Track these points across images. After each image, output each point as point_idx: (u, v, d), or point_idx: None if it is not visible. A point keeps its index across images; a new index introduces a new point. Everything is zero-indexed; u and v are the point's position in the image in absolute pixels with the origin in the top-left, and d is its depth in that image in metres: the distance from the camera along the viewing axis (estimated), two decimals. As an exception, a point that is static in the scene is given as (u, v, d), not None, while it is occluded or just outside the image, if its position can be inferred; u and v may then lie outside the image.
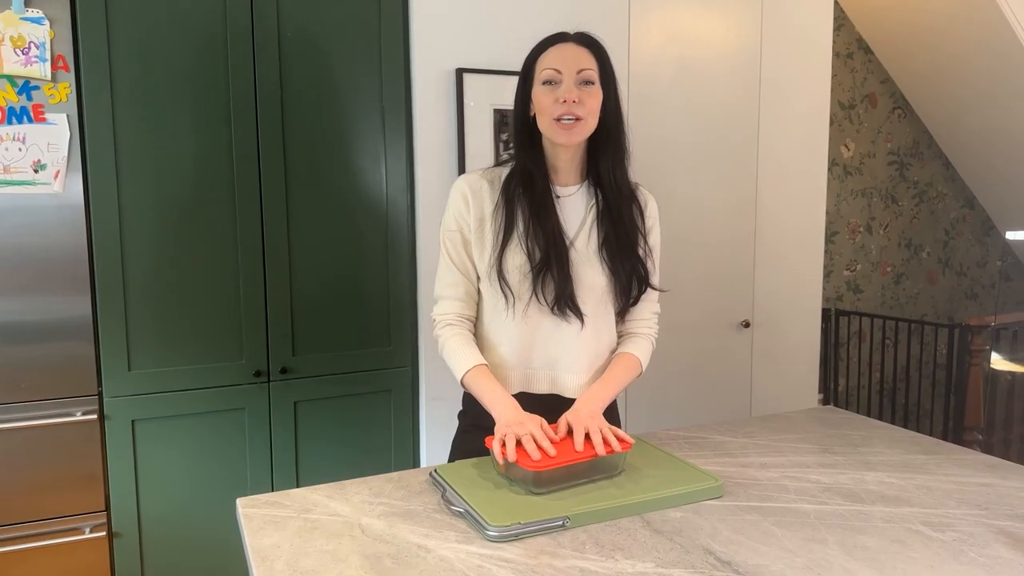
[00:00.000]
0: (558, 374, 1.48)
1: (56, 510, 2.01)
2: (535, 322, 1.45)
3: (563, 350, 1.46)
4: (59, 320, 1.97)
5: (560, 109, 1.36)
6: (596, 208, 1.47)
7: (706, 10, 2.63)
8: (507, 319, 1.45)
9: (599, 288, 1.46)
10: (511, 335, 1.46)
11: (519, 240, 1.41)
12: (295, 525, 1.18)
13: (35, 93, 1.89)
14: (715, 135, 2.70)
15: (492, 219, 1.44)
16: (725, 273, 2.77)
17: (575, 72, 1.37)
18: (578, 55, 1.39)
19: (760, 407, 2.88)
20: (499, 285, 1.42)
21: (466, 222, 1.46)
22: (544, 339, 1.46)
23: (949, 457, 1.50)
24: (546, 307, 1.42)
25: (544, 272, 1.40)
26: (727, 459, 1.48)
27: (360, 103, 2.23)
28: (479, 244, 1.45)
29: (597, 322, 1.48)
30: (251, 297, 2.14)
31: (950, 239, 4.63)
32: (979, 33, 3.70)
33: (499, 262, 1.41)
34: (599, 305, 1.47)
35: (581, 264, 1.44)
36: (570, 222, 1.46)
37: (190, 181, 2.07)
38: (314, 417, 2.25)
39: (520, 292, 1.42)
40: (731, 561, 1.06)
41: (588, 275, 1.44)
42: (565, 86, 1.37)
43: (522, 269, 1.41)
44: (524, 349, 1.46)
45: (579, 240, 1.45)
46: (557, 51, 1.40)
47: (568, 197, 1.47)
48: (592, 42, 1.42)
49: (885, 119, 4.31)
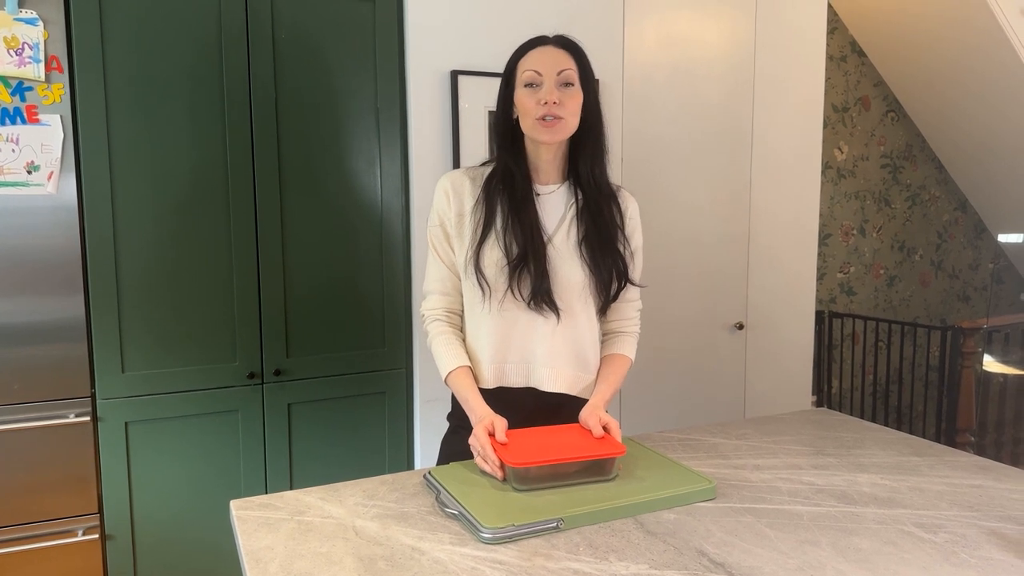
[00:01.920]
0: (534, 368, 1.49)
1: (49, 512, 2.00)
2: (511, 316, 1.47)
3: (539, 345, 1.48)
4: (52, 322, 1.97)
5: (542, 110, 1.40)
6: (576, 205, 1.50)
7: (700, 13, 2.64)
8: (483, 312, 1.47)
9: (578, 284, 1.47)
10: (488, 328, 1.48)
11: (497, 235, 1.44)
12: (289, 527, 1.18)
13: (28, 94, 1.89)
14: (709, 137, 2.71)
15: (472, 214, 1.47)
16: (719, 275, 2.78)
17: (555, 74, 1.41)
18: (558, 57, 1.42)
19: (754, 409, 2.89)
20: (476, 278, 1.45)
21: (448, 217, 1.50)
22: (521, 333, 1.48)
23: (941, 459, 1.51)
24: (522, 302, 1.45)
25: (521, 268, 1.43)
26: (721, 461, 1.49)
27: (355, 105, 2.23)
28: (459, 238, 1.49)
29: (576, 318, 1.49)
30: (245, 299, 2.14)
31: (942, 242, 4.65)
32: (971, 37, 3.72)
33: (477, 256, 1.45)
34: (577, 301, 1.49)
35: (559, 260, 1.46)
36: (549, 219, 1.49)
37: (184, 182, 2.06)
38: (308, 419, 2.25)
39: (496, 285, 1.45)
40: (724, 563, 1.06)
41: (566, 271, 1.47)
42: (546, 88, 1.40)
43: (499, 264, 1.44)
44: (501, 342, 1.48)
45: (558, 236, 1.48)
46: (537, 54, 1.43)
47: (548, 195, 1.50)
48: (571, 44, 1.45)
49: (878, 122, 4.33)
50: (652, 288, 2.63)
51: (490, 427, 1.36)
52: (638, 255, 1.57)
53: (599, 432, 1.37)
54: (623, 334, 1.59)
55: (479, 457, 1.35)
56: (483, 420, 1.37)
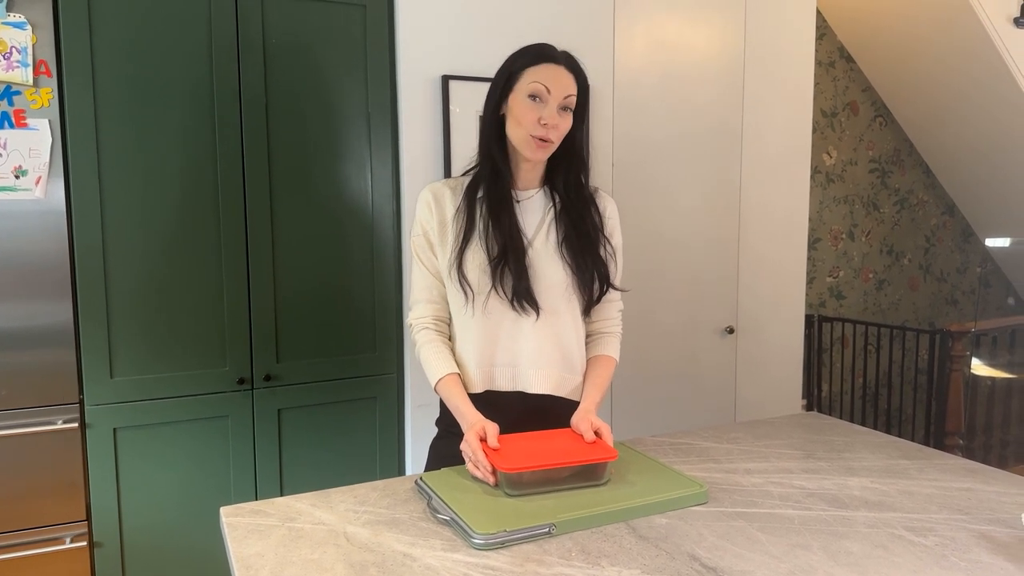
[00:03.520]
0: (521, 370, 1.50)
1: (36, 520, 1.98)
2: (496, 318, 1.48)
3: (525, 345, 1.49)
4: (40, 327, 1.95)
5: (540, 130, 1.41)
6: (554, 209, 1.52)
7: (690, 18, 2.65)
8: (468, 315, 1.48)
9: (560, 284, 1.49)
10: (474, 332, 1.49)
11: (479, 239, 1.46)
12: (279, 534, 1.18)
13: (16, 98, 1.88)
14: (699, 142, 2.72)
15: (453, 222, 1.49)
16: (709, 279, 2.79)
17: (562, 97, 1.42)
18: (567, 82, 1.43)
19: (744, 413, 2.89)
20: (459, 282, 1.46)
21: (431, 226, 1.52)
22: (506, 335, 1.49)
23: (931, 462, 1.51)
24: (506, 301, 1.46)
25: (502, 266, 1.44)
26: (712, 465, 1.49)
27: (346, 110, 2.22)
28: (442, 246, 1.51)
29: (560, 318, 1.50)
30: (235, 304, 2.13)
31: (931, 246, 4.68)
32: (958, 42, 3.75)
33: (459, 260, 1.46)
34: (561, 302, 1.50)
35: (540, 261, 1.48)
36: (529, 223, 1.51)
37: (174, 187, 2.05)
38: (298, 425, 2.24)
39: (480, 287, 1.46)
40: (716, 567, 1.06)
41: (548, 271, 1.48)
42: (550, 109, 1.42)
43: (482, 266, 1.45)
44: (487, 346, 1.49)
45: (538, 239, 1.50)
46: (549, 71, 1.43)
47: (527, 200, 1.52)
48: (580, 72, 1.47)
49: (867, 127, 4.35)
50: (642, 292, 2.65)
51: (481, 432, 1.36)
52: (618, 255, 1.59)
53: (591, 437, 1.38)
54: (606, 334, 1.60)
55: (471, 463, 1.35)
56: (474, 426, 1.37)
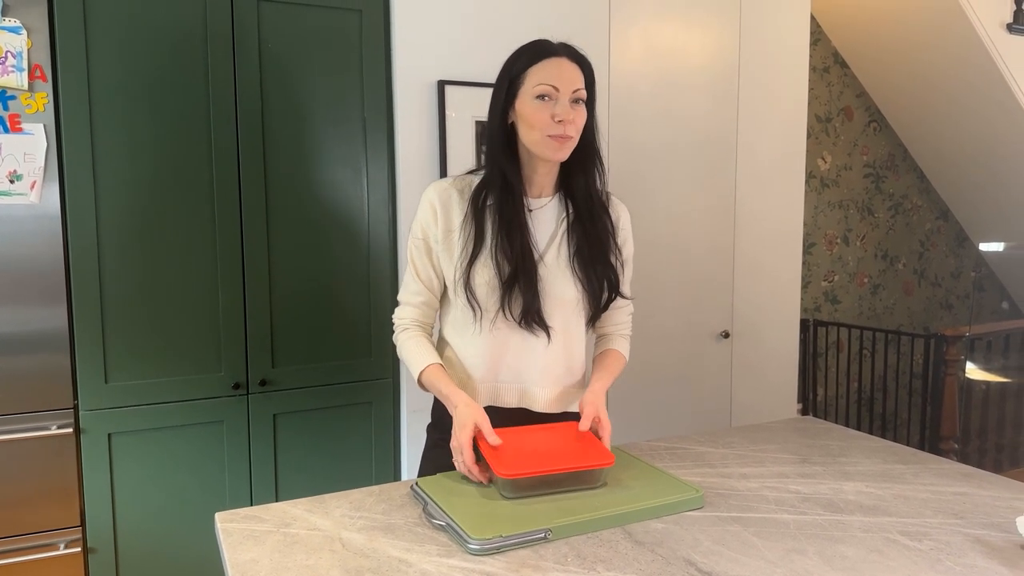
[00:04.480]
0: (526, 388, 1.48)
1: (30, 525, 1.97)
2: (503, 336, 1.45)
3: (531, 364, 1.47)
4: (34, 332, 1.94)
5: (556, 128, 1.35)
6: (567, 219, 1.47)
7: (685, 23, 2.66)
8: (475, 332, 1.45)
9: (570, 301, 1.46)
10: (479, 348, 1.46)
11: (488, 254, 1.41)
12: (274, 540, 1.17)
13: (11, 103, 1.87)
14: (694, 147, 2.72)
15: (460, 230, 1.43)
16: (705, 284, 2.79)
17: (571, 91, 1.37)
18: (573, 75, 1.38)
19: (740, 417, 2.90)
20: (466, 298, 1.42)
21: (433, 232, 1.45)
22: (513, 353, 1.46)
23: (926, 467, 1.52)
24: (513, 321, 1.42)
25: (512, 287, 1.40)
26: (708, 469, 1.49)
27: (341, 114, 2.22)
28: (446, 254, 1.45)
29: (567, 336, 1.49)
30: (230, 308, 2.13)
31: (925, 250, 4.70)
32: (952, 48, 3.77)
33: (467, 275, 1.41)
34: (570, 318, 1.48)
35: (550, 278, 1.44)
36: (541, 235, 1.46)
37: (169, 192, 2.05)
38: (294, 430, 2.23)
39: (487, 306, 1.42)
40: (712, 572, 1.06)
41: (558, 288, 1.44)
42: (561, 105, 1.36)
43: (490, 284, 1.40)
44: (493, 362, 1.47)
45: (549, 254, 1.45)
46: (554, 66, 1.37)
47: (540, 209, 1.47)
48: (583, 59, 1.41)
49: (861, 132, 4.37)
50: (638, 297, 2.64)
51: (475, 431, 1.34)
52: (629, 265, 1.56)
53: (586, 426, 1.37)
54: (617, 336, 1.60)
55: (460, 465, 1.33)
56: (466, 426, 1.33)
